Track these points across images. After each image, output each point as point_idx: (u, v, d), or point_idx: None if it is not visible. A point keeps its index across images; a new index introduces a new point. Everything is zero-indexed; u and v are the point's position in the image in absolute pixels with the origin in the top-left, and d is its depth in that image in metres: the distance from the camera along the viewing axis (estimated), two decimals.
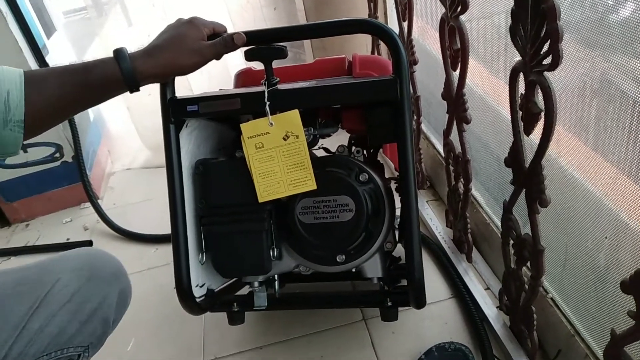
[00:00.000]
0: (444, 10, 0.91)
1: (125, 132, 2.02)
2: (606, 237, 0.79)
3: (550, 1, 0.61)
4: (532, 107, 0.71)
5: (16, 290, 0.70)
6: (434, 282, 1.17)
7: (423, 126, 1.38)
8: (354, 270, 0.89)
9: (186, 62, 0.71)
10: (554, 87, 0.67)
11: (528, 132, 0.75)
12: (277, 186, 0.80)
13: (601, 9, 0.67)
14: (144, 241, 1.54)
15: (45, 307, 0.70)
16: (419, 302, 0.82)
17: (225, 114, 0.80)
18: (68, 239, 1.65)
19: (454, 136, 1.05)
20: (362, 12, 1.52)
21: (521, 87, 0.74)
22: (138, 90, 0.70)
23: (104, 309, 0.76)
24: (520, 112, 0.75)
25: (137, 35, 1.73)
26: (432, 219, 1.32)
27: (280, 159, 0.79)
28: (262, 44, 0.78)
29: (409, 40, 1.18)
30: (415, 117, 1.29)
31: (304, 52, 1.77)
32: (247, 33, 0.76)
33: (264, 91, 0.77)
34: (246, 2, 1.80)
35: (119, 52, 0.68)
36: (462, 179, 1.08)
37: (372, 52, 1.53)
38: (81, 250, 0.80)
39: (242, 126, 0.78)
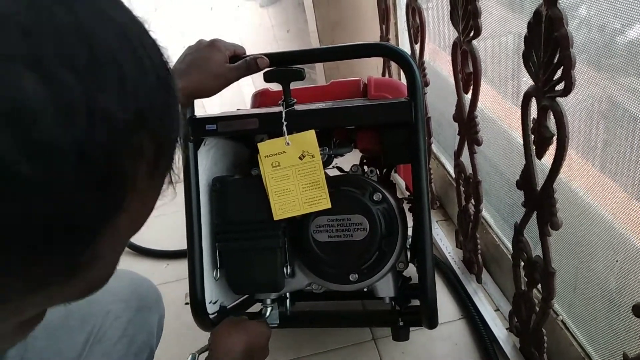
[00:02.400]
0: (456, 34, 0.94)
1: None
2: (617, 261, 0.79)
3: (563, 30, 0.62)
4: (544, 132, 0.72)
5: (65, 323, 0.68)
6: (443, 303, 1.16)
7: (433, 146, 1.40)
8: (365, 289, 0.90)
9: (211, 86, 0.73)
10: (566, 112, 0.68)
11: (540, 155, 0.76)
12: (292, 204, 0.81)
13: (609, 31, 0.69)
14: (155, 257, 1.55)
15: (100, 343, 0.68)
16: (432, 322, 0.82)
17: (242, 133, 0.82)
18: None
19: (465, 157, 1.07)
20: (374, 33, 1.56)
21: (533, 112, 0.76)
22: None
23: (151, 339, 0.76)
24: (532, 136, 0.77)
25: None
26: (442, 239, 1.33)
27: (296, 178, 0.80)
28: (280, 65, 0.81)
29: (421, 62, 1.21)
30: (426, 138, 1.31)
31: (315, 72, 1.81)
32: (266, 55, 0.78)
33: (281, 111, 0.79)
34: (258, 24, 1.84)
35: None
36: (472, 200, 1.09)
37: (383, 73, 1.56)
38: (122, 275, 0.77)
39: (260, 145, 0.80)
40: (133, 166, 0.24)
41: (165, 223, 1.70)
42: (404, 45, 1.34)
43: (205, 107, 1.67)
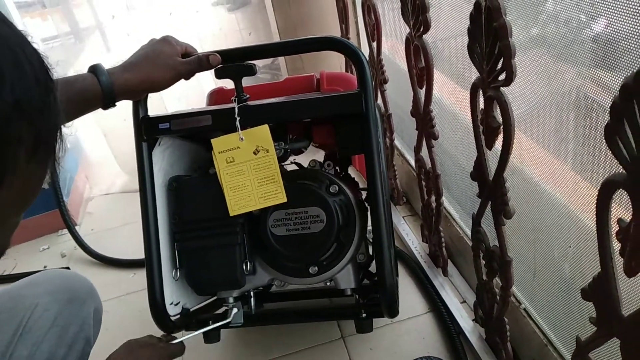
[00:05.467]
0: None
1: (103, 158, 2.02)
2: (570, 246, 0.81)
3: (501, 19, 0.64)
4: (491, 122, 0.74)
5: None
6: (411, 297, 1.17)
7: (397, 143, 1.41)
8: (327, 283, 0.90)
9: (161, 77, 0.73)
10: (510, 101, 0.70)
11: (489, 145, 0.78)
12: (248, 199, 0.81)
13: (575, 25, 0.71)
14: (122, 266, 1.53)
15: (29, 333, 0.68)
16: (392, 310, 0.83)
17: (197, 131, 0.82)
18: (45, 267, 1.62)
19: (424, 152, 1.08)
20: (335, 33, 1.57)
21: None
22: (114, 105, 0.71)
23: (85, 330, 0.75)
24: (482, 127, 0.78)
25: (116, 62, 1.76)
26: (409, 234, 1.34)
27: (250, 173, 0.81)
28: (234, 62, 0.81)
29: (379, 59, 1.22)
30: (388, 134, 1.32)
31: (281, 75, 1.82)
32: (219, 52, 0.79)
33: (234, 107, 0.79)
34: (219, 29, 1.84)
35: (96, 67, 0.70)
36: (434, 194, 1.10)
37: (346, 69, 1.58)
38: (51, 273, 0.79)
39: (213, 141, 0.80)
40: (13, 150, 0.29)
41: (131, 232, 1.68)
42: (366, 43, 1.36)
43: (167, 109, 1.65)
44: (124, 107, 0.84)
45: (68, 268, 1.56)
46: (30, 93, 0.30)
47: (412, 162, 1.39)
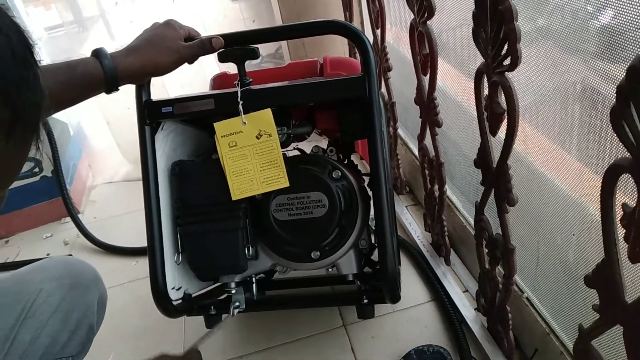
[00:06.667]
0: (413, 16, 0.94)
1: (106, 146, 2.03)
2: (574, 234, 0.81)
3: (506, 3, 0.63)
4: (495, 108, 0.73)
5: None
6: (413, 286, 1.17)
7: (401, 132, 1.41)
8: (330, 270, 0.90)
9: (165, 60, 0.73)
10: (515, 87, 0.69)
11: (494, 132, 0.77)
12: (250, 184, 0.81)
13: (581, 16, 0.70)
14: (124, 254, 1.53)
15: (32, 318, 0.69)
16: (393, 296, 0.83)
17: (199, 115, 0.82)
18: (48, 254, 1.63)
19: (428, 140, 1.08)
20: None
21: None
22: (117, 89, 0.71)
23: (89, 316, 0.76)
24: (486, 113, 0.78)
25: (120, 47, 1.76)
26: (411, 223, 1.34)
27: (253, 157, 0.80)
28: (237, 45, 0.80)
29: (383, 47, 1.21)
30: (391, 123, 1.32)
31: (284, 62, 1.81)
32: (222, 36, 0.78)
33: (237, 91, 0.79)
34: (223, 17, 1.84)
35: (99, 51, 0.69)
36: (437, 183, 1.10)
37: (350, 55, 1.57)
38: (56, 259, 0.79)
39: (216, 125, 0.80)
40: None
41: (134, 220, 1.69)
42: (370, 31, 1.35)
43: (168, 93, 1.65)
44: (127, 95, 0.84)
45: (71, 256, 1.57)
46: (7, 69, 0.29)
47: (416, 152, 1.38)
